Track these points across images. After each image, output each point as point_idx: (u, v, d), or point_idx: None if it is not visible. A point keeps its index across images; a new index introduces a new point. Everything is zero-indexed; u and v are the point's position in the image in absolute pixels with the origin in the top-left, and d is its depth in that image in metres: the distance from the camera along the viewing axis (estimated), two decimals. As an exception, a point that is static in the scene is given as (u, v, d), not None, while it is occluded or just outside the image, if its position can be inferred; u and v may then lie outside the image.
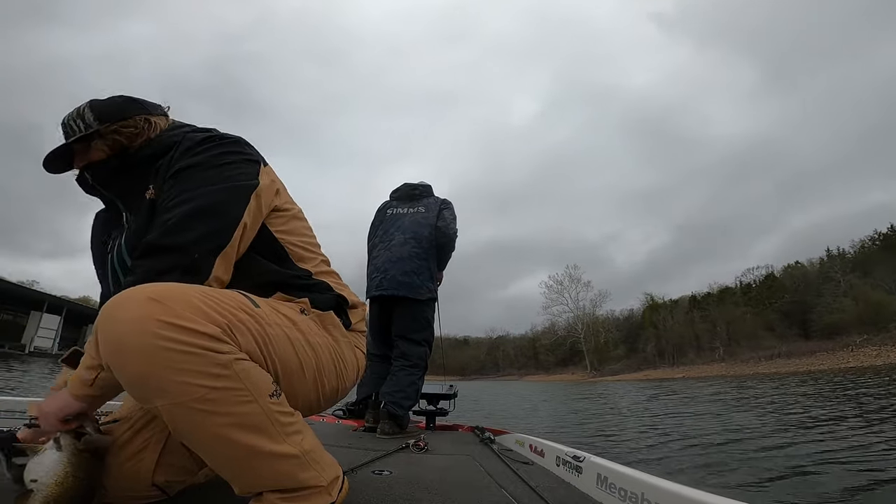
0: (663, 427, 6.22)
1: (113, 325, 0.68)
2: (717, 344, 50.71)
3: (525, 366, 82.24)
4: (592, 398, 14.33)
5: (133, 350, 0.65)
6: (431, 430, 2.96)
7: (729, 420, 6.62)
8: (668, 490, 1.14)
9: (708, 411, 8.09)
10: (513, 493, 1.42)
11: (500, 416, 8.62)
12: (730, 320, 50.90)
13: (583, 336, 68.36)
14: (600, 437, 5.56)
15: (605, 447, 4.66)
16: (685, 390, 15.93)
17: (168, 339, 0.65)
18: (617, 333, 69.04)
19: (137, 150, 1.01)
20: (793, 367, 32.99)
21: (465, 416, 7.30)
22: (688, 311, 58.73)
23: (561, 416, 8.92)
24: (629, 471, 1.35)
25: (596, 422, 7.53)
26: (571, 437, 5.49)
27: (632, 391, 18.37)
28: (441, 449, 2.10)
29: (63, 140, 1.00)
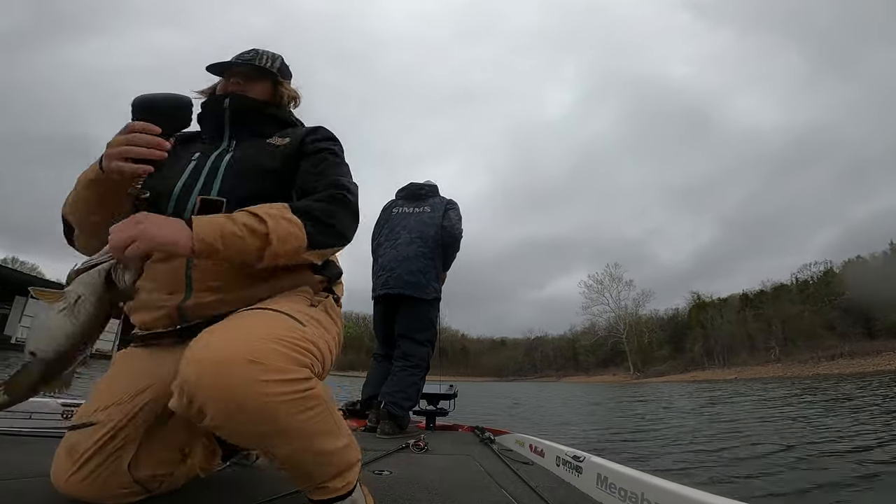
0: (757, 434, 5.03)
1: (224, 393, 0.72)
2: (773, 343, 47.88)
3: (563, 367, 80.00)
4: (647, 400, 13.25)
5: (253, 412, 0.72)
6: (431, 430, 2.96)
7: (824, 424, 5.63)
8: (668, 490, 1.13)
9: (799, 415, 6.94)
10: (513, 493, 1.41)
11: (550, 425, 7.03)
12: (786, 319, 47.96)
13: (625, 336, 65.81)
14: (700, 451, 4.13)
15: (716, 467, 3.44)
16: (750, 392, 14.44)
17: (279, 395, 0.73)
18: (661, 333, 66.09)
19: (277, 109, 1.23)
20: (857, 367, 30.66)
21: (508, 422, 6.74)
22: (739, 309, 55.72)
23: (625, 422, 7.34)
24: (629, 471, 1.33)
25: (671, 429, 6.10)
26: (674, 454, 4.03)
27: (685, 392, 16.73)
28: (441, 449, 2.11)
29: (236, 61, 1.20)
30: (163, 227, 0.78)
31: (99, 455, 0.92)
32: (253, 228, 0.83)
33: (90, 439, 0.92)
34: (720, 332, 54.16)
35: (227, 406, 0.73)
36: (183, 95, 0.95)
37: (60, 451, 0.95)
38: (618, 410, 10.20)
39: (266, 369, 0.73)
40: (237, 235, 0.82)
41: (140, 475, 0.96)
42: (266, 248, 0.84)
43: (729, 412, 8.27)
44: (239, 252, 0.83)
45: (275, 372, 0.73)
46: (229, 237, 0.81)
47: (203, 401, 0.73)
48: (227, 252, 0.81)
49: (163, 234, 0.77)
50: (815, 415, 6.91)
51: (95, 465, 0.91)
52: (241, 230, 0.82)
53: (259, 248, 0.84)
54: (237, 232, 0.82)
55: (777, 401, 10.28)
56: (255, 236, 0.83)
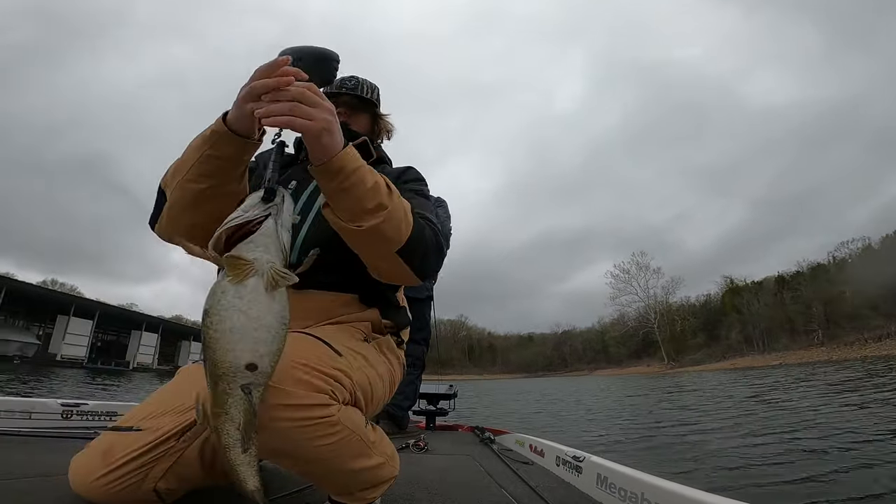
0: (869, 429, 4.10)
1: None
2: (815, 326, 45.92)
3: (594, 360, 79.08)
4: (693, 392, 12.12)
5: (269, 433, 0.71)
6: (431, 430, 2.96)
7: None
8: (668, 490, 1.11)
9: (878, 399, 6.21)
10: (513, 493, 1.40)
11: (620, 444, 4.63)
12: (827, 300, 45.90)
13: (656, 326, 64.48)
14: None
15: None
16: (808, 377, 13.37)
17: (288, 420, 0.71)
18: (694, 321, 64.37)
19: (373, 144, 1.18)
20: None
21: (546, 427, 6.19)
22: (776, 292, 53.64)
23: (693, 421, 5.85)
24: (629, 471, 1.30)
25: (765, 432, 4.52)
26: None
27: (730, 382, 15.71)
28: (441, 449, 2.10)
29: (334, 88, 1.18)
30: (335, 132, 0.74)
31: (135, 462, 0.90)
32: (379, 190, 0.80)
33: (132, 445, 0.91)
34: (758, 316, 52.31)
35: None
36: (330, 50, 0.89)
37: (94, 450, 0.93)
38: (665, 403, 9.31)
39: (281, 395, 0.71)
40: (366, 182, 0.78)
41: (161, 486, 0.94)
42: (376, 212, 0.79)
43: (809, 400, 7.32)
44: (355, 195, 0.77)
45: (289, 398, 0.72)
46: (361, 176, 0.77)
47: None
48: (348, 183, 0.76)
49: (335, 130, 0.73)
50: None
51: (128, 471, 0.90)
52: (371, 181, 0.79)
53: (369, 209, 0.79)
54: (368, 180, 0.78)
55: (849, 384, 9.51)
56: (376, 195, 0.79)
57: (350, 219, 0.79)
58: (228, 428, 0.55)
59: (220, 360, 0.54)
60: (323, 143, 0.72)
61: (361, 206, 0.78)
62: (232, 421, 0.55)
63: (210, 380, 0.55)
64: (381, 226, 0.80)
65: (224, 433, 0.55)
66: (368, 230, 0.80)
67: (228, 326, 0.54)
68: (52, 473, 1.13)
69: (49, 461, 1.23)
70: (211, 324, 0.54)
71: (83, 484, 0.90)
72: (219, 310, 0.54)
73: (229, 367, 0.54)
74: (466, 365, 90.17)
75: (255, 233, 0.59)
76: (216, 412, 0.55)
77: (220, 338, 0.54)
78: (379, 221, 0.79)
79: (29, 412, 1.91)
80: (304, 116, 0.69)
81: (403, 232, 0.85)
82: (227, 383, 0.54)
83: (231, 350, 0.54)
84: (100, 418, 2.05)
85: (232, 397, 0.54)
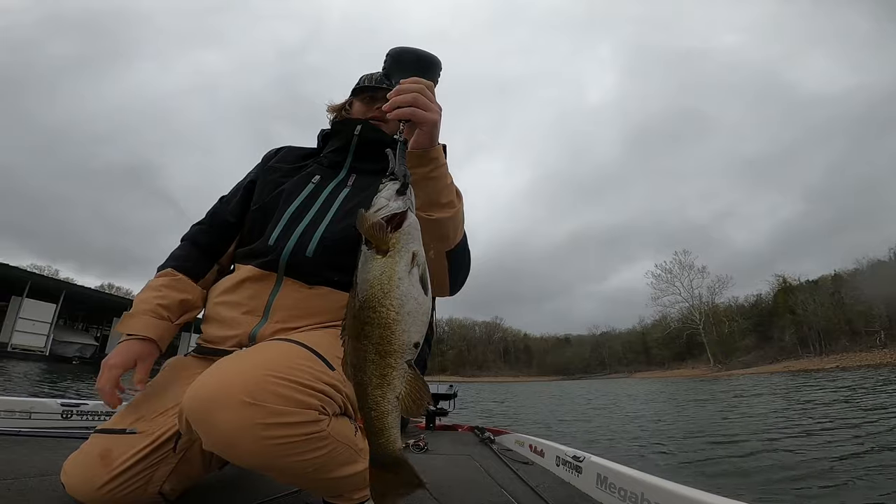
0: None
1: (214, 431, 0.73)
2: (876, 327, 42.79)
3: (634, 362, 76.48)
4: (756, 396, 10.78)
5: (244, 451, 0.73)
6: (431, 430, 2.94)
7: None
8: (668, 490, 1.08)
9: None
10: (513, 492, 1.38)
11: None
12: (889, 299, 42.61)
13: (702, 327, 61.48)
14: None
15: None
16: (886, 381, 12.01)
17: (273, 438, 0.71)
18: (744, 322, 61.10)
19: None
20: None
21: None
22: (833, 291, 50.35)
23: (784, 433, 4.93)
24: (629, 471, 1.27)
25: None
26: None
27: (794, 385, 14.36)
28: (441, 449, 2.09)
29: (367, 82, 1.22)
30: (439, 127, 0.82)
31: (137, 466, 0.90)
32: (454, 189, 0.88)
33: (131, 449, 0.91)
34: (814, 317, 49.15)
35: (216, 443, 0.75)
36: (433, 54, 0.94)
37: (89, 454, 0.91)
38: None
39: (262, 413, 0.71)
40: (448, 178, 0.86)
41: (165, 488, 0.95)
42: (448, 207, 0.85)
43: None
44: (438, 187, 0.84)
45: (271, 415, 0.71)
46: (446, 171, 0.85)
47: (201, 434, 0.75)
48: (438, 173, 0.83)
49: (440, 125, 0.81)
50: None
51: (131, 475, 0.89)
52: (450, 179, 0.87)
53: (443, 203, 0.85)
54: (449, 177, 0.86)
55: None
56: (451, 193, 0.86)
57: (423, 207, 0.82)
58: (389, 396, 0.61)
59: (397, 339, 0.60)
60: (432, 133, 0.80)
61: (438, 198, 0.84)
62: (394, 390, 0.61)
63: (375, 356, 0.60)
64: (447, 220, 0.85)
65: (386, 400, 0.61)
66: (437, 221, 0.84)
67: (407, 310, 0.61)
68: (51, 473, 1.13)
69: (49, 461, 1.24)
70: (392, 305, 0.60)
71: (87, 491, 0.88)
72: (399, 294, 0.61)
73: (402, 344, 0.61)
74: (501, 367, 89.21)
75: (406, 225, 0.65)
76: (377, 383, 0.61)
77: (400, 319, 0.60)
78: (447, 216, 0.85)
79: (29, 412, 1.92)
80: (424, 108, 0.77)
81: (459, 234, 0.91)
82: (397, 358, 0.61)
83: (406, 331, 0.60)
84: (99, 418, 2.05)
85: (397, 370, 0.61)
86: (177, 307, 1.07)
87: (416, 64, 0.88)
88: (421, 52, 0.91)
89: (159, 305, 1.04)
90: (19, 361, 15.66)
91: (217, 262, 1.18)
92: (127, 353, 0.97)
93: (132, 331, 1.00)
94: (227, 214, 1.18)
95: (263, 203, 1.13)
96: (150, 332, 1.00)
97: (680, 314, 67.44)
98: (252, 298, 1.02)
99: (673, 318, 68.66)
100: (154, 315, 1.03)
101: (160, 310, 1.04)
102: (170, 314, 1.05)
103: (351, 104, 1.25)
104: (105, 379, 0.94)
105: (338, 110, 1.26)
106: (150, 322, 1.01)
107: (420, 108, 0.77)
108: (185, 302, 1.08)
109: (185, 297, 1.09)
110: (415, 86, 0.78)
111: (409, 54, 0.89)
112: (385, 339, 0.60)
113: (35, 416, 1.93)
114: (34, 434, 1.69)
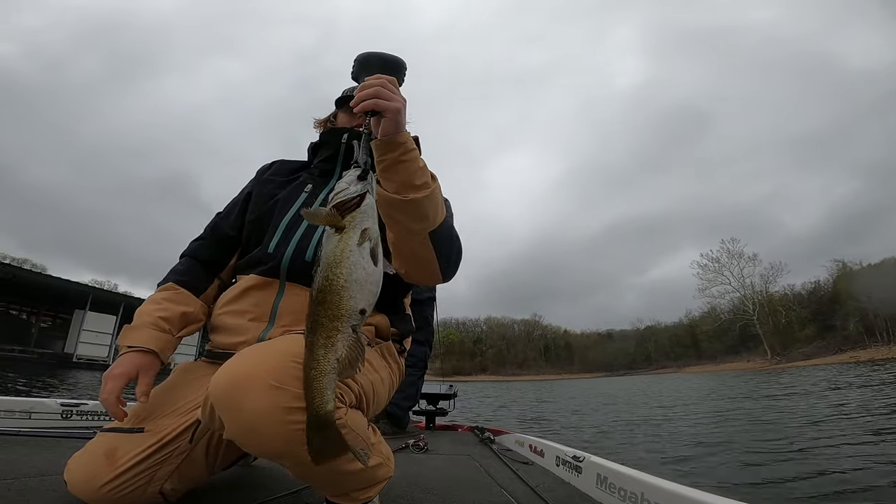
0: None
1: (241, 415, 0.74)
2: (952, 312, 39.27)
3: (683, 356, 71.64)
4: (839, 391, 8.99)
5: (269, 436, 0.74)
6: (431, 430, 2.96)
7: None
8: (668, 490, 1.09)
9: None
10: (513, 492, 1.39)
11: None
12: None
13: (756, 318, 58.21)
14: None
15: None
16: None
17: (296, 423, 0.73)
18: (802, 311, 57.54)
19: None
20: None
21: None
22: (899, 274, 46.53)
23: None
24: (629, 471, 1.28)
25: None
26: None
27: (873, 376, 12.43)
28: (441, 449, 2.10)
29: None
30: (405, 115, 0.89)
31: (141, 465, 0.90)
32: (427, 172, 0.91)
33: (137, 447, 0.91)
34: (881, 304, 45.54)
35: (240, 428, 0.75)
36: (398, 56, 1.02)
37: (94, 452, 0.92)
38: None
39: (288, 396, 0.73)
40: (418, 161, 0.90)
41: (167, 487, 0.95)
42: (422, 189, 0.89)
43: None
44: (408, 170, 0.88)
45: (294, 399, 0.73)
46: (416, 155, 0.89)
47: (226, 421, 0.76)
48: (407, 157, 0.87)
49: (405, 114, 0.88)
50: None
51: (134, 474, 0.90)
52: (422, 163, 0.91)
53: (416, 185, 0.88)
54: (420, 161, 0.90)
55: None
56: (424, 175, 0.90)
57: (399, 190, 0.87)
58: (330, 357, 0.67)
59: (344, 304, 0.67)
60: (396, 120, 0.85)
61: (411, 180, 0.87)
62: (336, 353, 0.67)
63: (325, 319, 0.67)
64: (423, 200, 0.88)
65: (325, 361, 0.67)
66: (412, 202, 0.87)
67: (355, 278, 0.68)
68: (51, 473, 1.13)
69: (49, 461, 1.23)
70: (341, 274, 0.68)
71: (88, 490, 0.89)
72: (350, 264, 0.69)
73: (349, 310, 0.68)
74: (542, 365, 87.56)
75: (363, 205, 0.74)
76: (323, 344, 0.67)
77: (348, 286, 0.68)
78: (423, 196, 0.88)
79: (29, 412, 1.90)
80: (385, 98, 0.84)
81: (439, 215, 0.93)
82: (343, 323, 0.67)
83: (353, 297, 0.68)
84: (99, 418, 2.04)
85: (342, 333, 0.67)
86: (178, 320, 1.07)
87: (381, 66, 0.95)
88: (386, 54, 0.99)
89: (160, 318, 1.04)
90: (84, 371, 16.54)
91: (218, 276, 1.20)
92: (129, 364, 0.96)
93: (134, 342, 0.99)
94: (228, 228, 1.20)
95: (260, 213, 1.17)
96: (151, 344, 1.00)
97: (731, 305, 63.82)
98: (257, 305, 1.05)
99: (723, 310, 64.94)
100: (155, 327, 1.03)
101: (161, 322, 1.04)
102: (171, 327, 1.06)
103: (335, 115, 1.31)
104: (108, 390, 0.93)
105: (324, 123, 1.31)
106: (152, 334, 1.02)
107: (382, 99, 0.84)
108: (186, 315, 1.09)
109: (187, 309, 1.09)
110: (376, 80, 0.86)
111: (375, 58, 0.98)
112: (334, 303, 0.67)
113: (35, 415, 1.91)
114: (34, 434, 1.68)
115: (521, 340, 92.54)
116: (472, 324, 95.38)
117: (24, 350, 22.17)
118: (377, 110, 0.84)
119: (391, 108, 0.84)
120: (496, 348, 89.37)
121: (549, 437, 1.88)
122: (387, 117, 0.85)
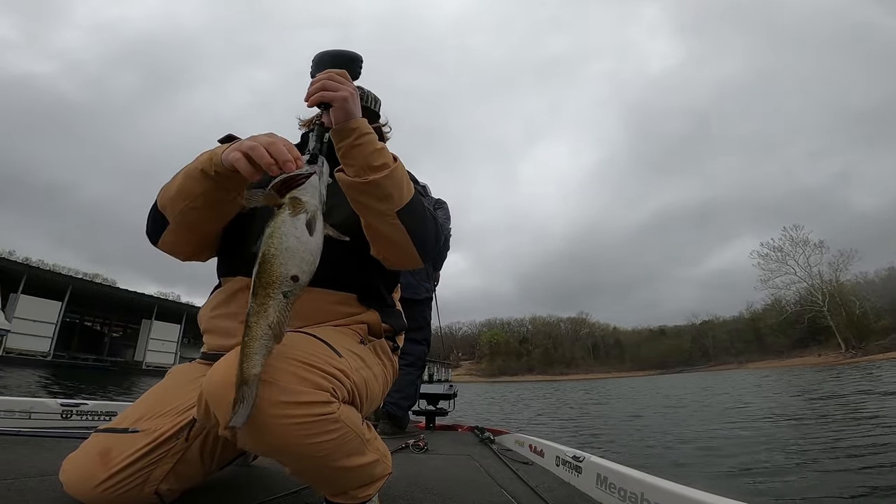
0: None
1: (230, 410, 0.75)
2: None
3: (744, 351, 67.46)
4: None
5: (260, 430, 0.74)
6: (431, 430, 2.96)
7: None
8: (668, 490, 1.09)
9: None
10: (513, 492, 1.38)
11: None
12: None
13: (827, 309, 53.41)
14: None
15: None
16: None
17: (290, 417, 0.73)
18: (878, 300, 52.80)
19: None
20: None
21: None
22: None
23: None
24: (629, 471, 1.28)
25: None
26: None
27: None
28: (441, 449, 2.10)
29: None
30: (355, 103, 0.92)
31: (136, 465, 0.90)
32: (385, 153, 0.94)
33: (131, 447, 0.91)
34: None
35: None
36: (353, 51, 1.08)
37: (89, 452, 0.92)
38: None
39: (280, 391, 0.73)
40: (375, 144, 0.93)
41: (163, 488, 0.94)
42: (381, 169, 0.92)
43: None
44: (365, 152, 0.91)
45: (287, 393, 0.74)
46: (372, 138, 0.93)
47: (216, 414, 0.76)
48: (362, 141, 0.91)
49: (355, 101, 0.92)
50: None
51: (129, 474, 0.89)
52: (379, 145, 0.94)
53: (375, 166, 0.91)
54: (376, 143, 0.93)
55: None
56: (382, 156, 0.93)
57: (357, 174, 0.91)
58: (262, 324, 0.70)
59: (275, 271, 0.70)
60: (345, 108, 0.90)
61: (369, 162, 0.91)
62: (267, 318, 0.70)
63: (259, 287, 0.71)
64: (384, 180, 0.91)
65: (258, 326, 0.70)
66: (372, 182, 0.90)
67: (285, 246, 0.71)
68: (51, 473, 1.11)
69: (49, 461, 1.23)
70: (272, 243, 0.71)
71: (84, 489, 0.89)
72: (280, 234, 0.72)
73: (279, 276, 0.70)
74: (592, 364, 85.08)
75: (305, 183, 0.77)
76: (256, 311, 0.70)
77: (278, 254, 0.71)
78: (382, 176, 0.91)
79: (29, 412, 1.90)
80: (331, 90, 0.89)
81: (405, 194, 0.96)
82: (274, 289, 0.70)
83: (283, 264, 0.71)
84: (99, 418, 2.04)
85: (274, 300, 0.70)
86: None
87: (334, 61, 1.01)
88: (339, 51, 1.05)
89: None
90: (153, 378, 17.75)
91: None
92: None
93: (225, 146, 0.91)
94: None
95: (240, 213, 1.12)
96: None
97: (797, 296, 59.10)
98: (247, 307, 1.04)
99: (789, 301, 60.35)
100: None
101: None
102: None
103: (321, 116, 1.29)
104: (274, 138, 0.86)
105: (308, 123, 1.32)
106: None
107: (328, 91, 0.89)
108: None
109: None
110: (324, 74, 0.91)
111: (328, 55, 1.04)
112: (266, 271, 0.70)
113: (35, 415, 1.91)
114: (34, 434, 1.67)
115: (568, 339, 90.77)
116: (517, 324, 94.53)
117: (98, 359, 24.03)
118: (325, 101, 0.89)
119: (337, 97, 0.89)
120: (542, 347, 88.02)
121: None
122: (335, 106, 0.90)
